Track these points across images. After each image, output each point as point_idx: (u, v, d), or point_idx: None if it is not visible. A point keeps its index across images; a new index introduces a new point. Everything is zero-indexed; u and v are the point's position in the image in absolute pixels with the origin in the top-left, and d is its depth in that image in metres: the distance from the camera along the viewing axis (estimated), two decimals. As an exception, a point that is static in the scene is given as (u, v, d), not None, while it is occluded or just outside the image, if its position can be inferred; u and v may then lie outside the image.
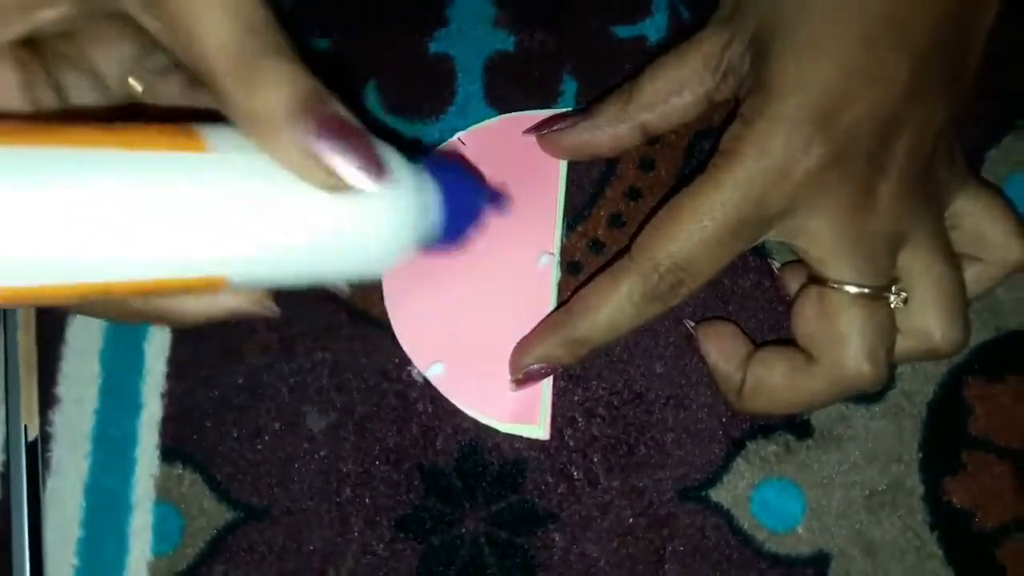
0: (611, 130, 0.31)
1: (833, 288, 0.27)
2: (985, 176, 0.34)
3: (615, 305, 0.29)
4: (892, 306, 0.28)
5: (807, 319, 0.28)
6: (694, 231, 0.27)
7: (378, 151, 0.21)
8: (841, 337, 0.27)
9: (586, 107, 0.32)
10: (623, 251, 0.29)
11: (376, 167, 0.21)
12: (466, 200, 0.27)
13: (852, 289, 0.27)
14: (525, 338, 0.31)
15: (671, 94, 0.31)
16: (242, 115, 0.21)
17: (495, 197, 0.30)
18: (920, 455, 0.32)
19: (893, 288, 0.28)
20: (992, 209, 0.30)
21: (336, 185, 0.21)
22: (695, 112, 0.31)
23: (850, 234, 0.27)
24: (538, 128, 0.33)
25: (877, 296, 0.27)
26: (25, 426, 0.32)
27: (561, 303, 0.32)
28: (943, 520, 0.32)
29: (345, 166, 0.21)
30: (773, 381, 0.29)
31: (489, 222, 0.32)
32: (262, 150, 0.21)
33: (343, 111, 0.21)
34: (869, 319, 0.27)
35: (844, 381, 0.27)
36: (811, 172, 0.26)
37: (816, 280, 0.28)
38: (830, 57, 0.27)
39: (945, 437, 0.32)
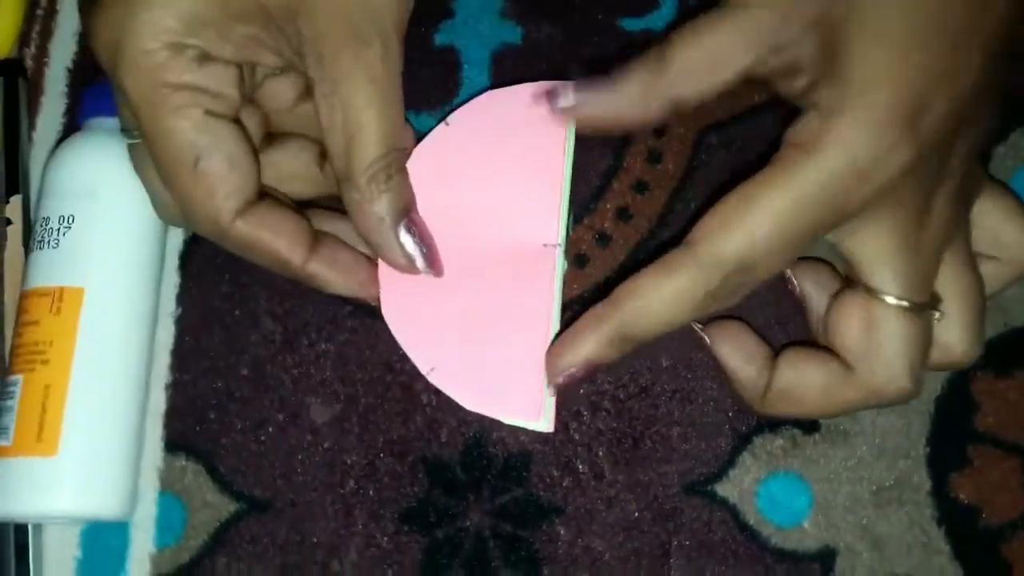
0: (640, 106, 0.27)
1: (879, 300, 0.26)
2: (992, 172, 0.34)
3: (672, 303, 0.26)
4: (934, 320, 0.27)
5: (850, 330, 0.27)
6: (766, 231, 0.25)
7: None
8: (888, 353, 0.26)
9: (604, 77, 0.28)
10: (669, 243, 0.27)
11: (435, 260, 0.30)
12: None
13: (902, 303, 0.26)
14: (563, 338, 0.29)
15: (709, 69, 0.27)
16: (361, 213, 0.29)
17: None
18: (927, 450, 0.32)
19: (939, 306, 0.27)
20: (1008, 209, 0.29)
21: (410, 270, 0.30)
22: (729, 88, 0.27)
23: (908, 245, 0.26)
24: (549, 98, 0.29)
25: (922, 311, 0.27)
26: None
27: (568, 298, 0.32)
28: (950, 516, 0.32)
29: (422, 259, 0.30)
30: (806, 388, 0.28)
31: (487, 209, 0.31)
32: (366, 239, 0.29)
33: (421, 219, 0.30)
34: (915, 336, 0.26)
35: (882, 395, 0.27)
36: (893, 175, 0.25)
37: (857, 286, 0.27)
38: (919, 52, 0.25)
39: (952, 433, 0.32)
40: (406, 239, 0.29)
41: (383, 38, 0.28)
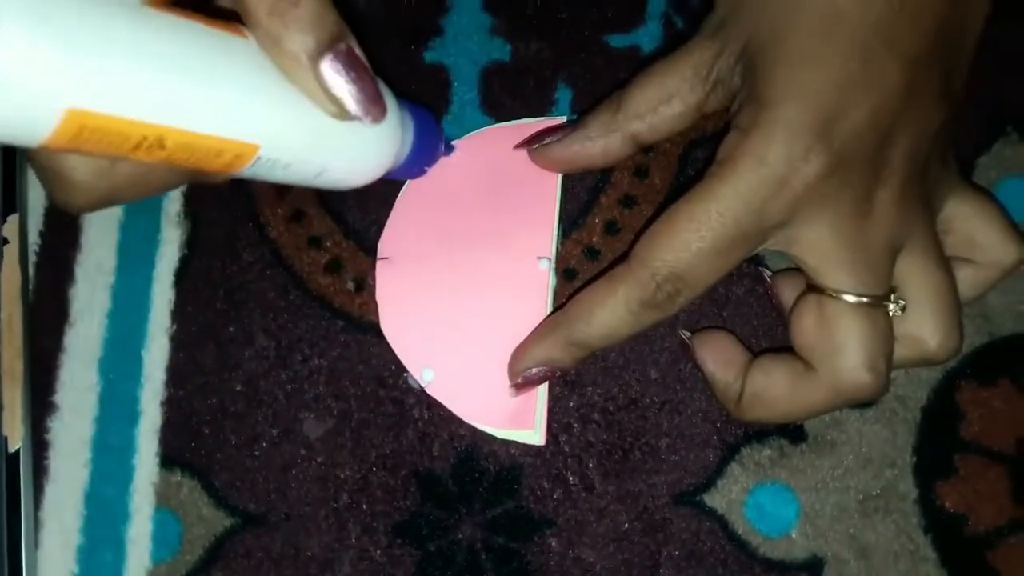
0: (601, 141, 0.31)
1: (832, 297, 0.27)
2: (977, 182, 0.34)
3: (612, 311, 0.29)
4: (891, 314, 0.28)
5: (806, 328, 0.28)
6: (692, 241, 0.27)
7: (380, 90, 0.26)
8: (841, 346, 0.27)
9: (576, 120, 0.32)
10: (621, 258, 0.30)
11: (378, 107, 0.25)
12: (429, 142, 0.32)
13: (851, 298, 0.27)
14: (523, 342, 0.31)
15: (660, 104, 0.30)
16: (274, 49, 0.24)
17: (448, 145, 0.34)
18: (913, 459, 0.32)
19: (892, 296, 0.28)
20: (983, 212, 0.30)
21: (343, 116, 0.25)
22: (685, 123, 0.31)
23: (849, 243, 0.27)
24: (529, 143, 0.33)
25: (876, 304, 0.27)
26: (5, 437, 0.32)
27: (557, 308, 0.33)
28: (936, 524, 0.32)
29: (354, 103, 0.25)
30: (772, 390, 0.29)
31: (485, 227, 0.32)
32: (288, 79, 0.24)
33: (359, 51, 0.25)
34: (869, 328, 0.27)
35: (844, 391, 0.28)
36: (810, 182, 0.26)
37: (814, 289, 0.28)
38: (825, 66, 0.27)
39: (938, 441, 0.33)
40: (331, 78, 0.24)
41: None
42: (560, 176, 0.34)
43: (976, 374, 0.33)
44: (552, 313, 0.32)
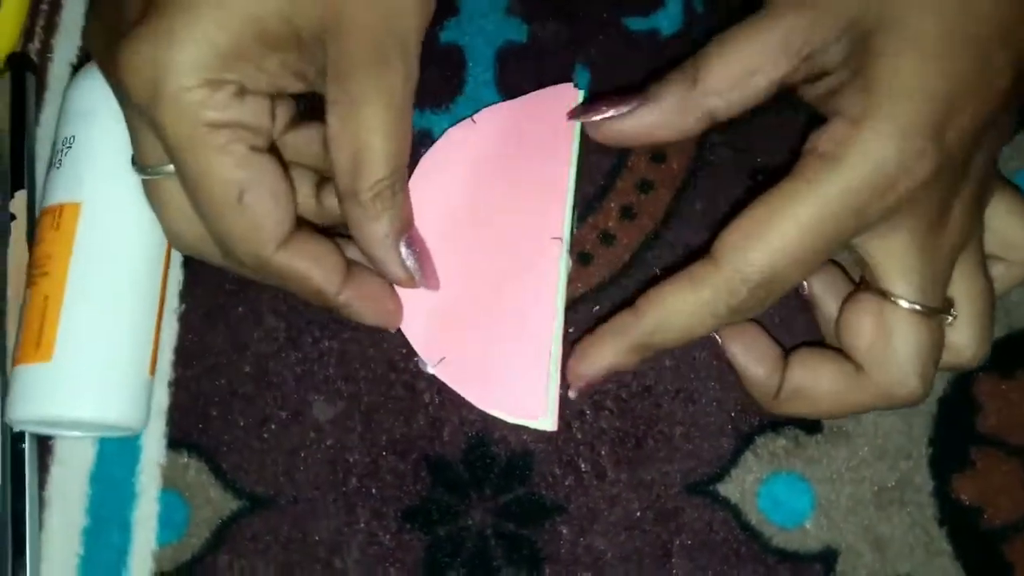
0: (677, 118, 0.28)
1: (893, 302, 0.26)
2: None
3: (695, 315, 0.27)
4: (945, 324, 0.27)
5: (863, 332, 0.27)
6: (787, 243, 0.25)
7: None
8: (899, 355, 0.26)
9: (641, 90, 0.29)
10: (695, 254, 0.27)
11: (434, 279, 0.31)
12: None
13: (915, 307, 0.26)
14: (585, 343, 0.29)
15: (743, 78, 0.27)
16: (365, 226, 0.28)
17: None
18: (929, 451, 0.32)
19: (951, 309, 0.27)
20: (1017, 210, 0.29)
21: (410, 284, 0.30)
22: (765, 99, 0.28)
23: (925, 252, 0.26)
24: (584, 112, 0.30)
25: (935, 315, 0.27)
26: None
27: (572, 297, 0.32)
28: (952, 516, 0.32)
29: (417, 273, 0.30)
30: (818, 388, 0.28)
31: (496, 209, 0.32)
32: (367, 254, 0.29)
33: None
34: (927, 339, 0.27)
35: (893, 397, 0.27)
36: (916, 186, 0.25)
37: (872, 290, 0.27)
38: (950, 62, 0.25)
39: (954, 434, 0.32)
40: (406, 255, 0.29)
41: (405, 62, 0.27)
42: (575, 156, 0.33)
43: (995, 367, 0.33)
44: (563, 298, 0.31)
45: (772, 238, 0.25)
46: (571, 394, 0.30)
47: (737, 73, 0.27)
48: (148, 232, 0.32)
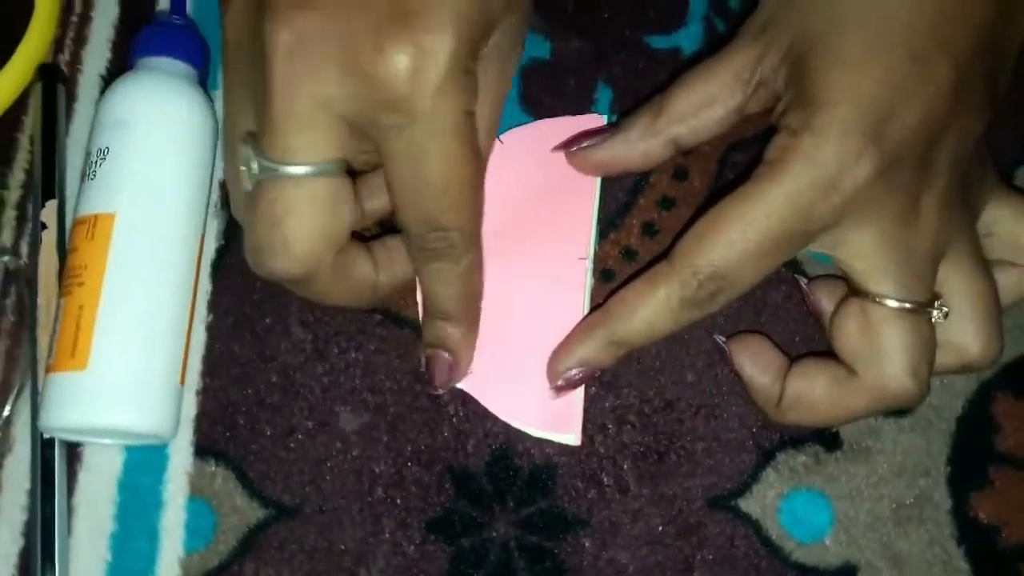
0: (642, 145, 0.31)
1: (876, 302, 0.27)
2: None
3: (653, 309, 0.29)
4: (933, 321, 0.28)
5: (849, 334, 0.28)
6: (736, 240, 0.27)
7: None
8: (884, 352, 0.27)
9: (615, 123, 0.32)
10: (661, 256, 0.30)
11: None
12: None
13: (895, 304, 0.27)
14: (561, 344, 0.31)
15: (702, 107, 0.30)
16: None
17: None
18: (948, 470, 0.32)
19: (936, 303, 0.28)
20: None
21: None
22: (726, 125, 0.31)
23: (896, 248, 0.27)
24: (567, 145, 0.33)
25: (920, 311, 0.27)
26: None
27: (594, 308, 0.33)
28: (970, 535, 0.32)
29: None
30: (814, 395, 0.29)
31: (524, 225, 0.32)
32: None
33: None
34: (913, 334, 0.27)
35: (886, 397, 0.28)
36: (860, 184, 0.26)
37: (858, 293, 0.28)
38: (877, 68, 0.27)
39: (973, 452, 0.33)
40: None
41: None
42: (598, 180, 0.34)
43: (1013, 386, 0.33)
44: (589, 313, 0.32)
45: (720, 237, 0.28)
46: (550, 393, 0.31)
47: (697, 103, 0.30)
48: (181, 242, 0.32)
